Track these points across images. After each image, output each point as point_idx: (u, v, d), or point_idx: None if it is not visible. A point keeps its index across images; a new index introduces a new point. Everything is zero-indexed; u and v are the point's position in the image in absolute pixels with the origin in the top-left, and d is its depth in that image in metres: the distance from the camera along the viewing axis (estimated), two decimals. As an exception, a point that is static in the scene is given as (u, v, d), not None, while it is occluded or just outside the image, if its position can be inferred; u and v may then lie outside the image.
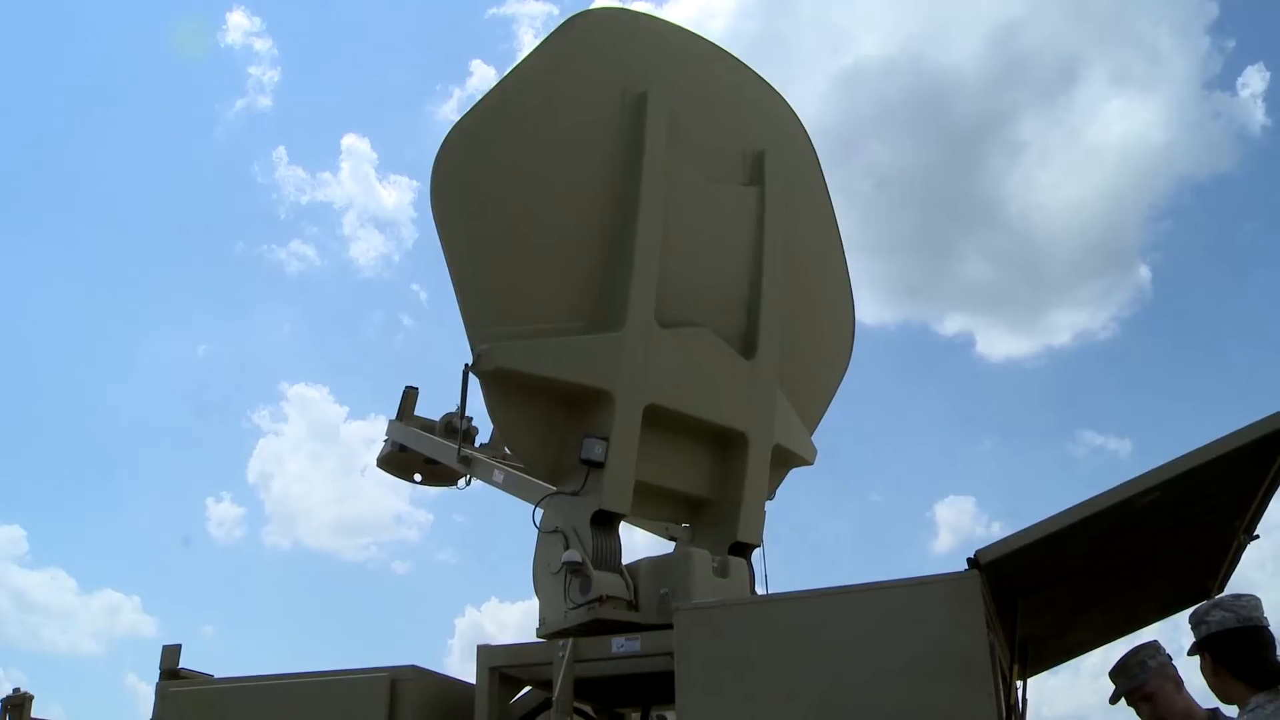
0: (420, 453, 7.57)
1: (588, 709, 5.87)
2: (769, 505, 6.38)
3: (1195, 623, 3.98)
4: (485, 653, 5.18)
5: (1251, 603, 3.97)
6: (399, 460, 7.84)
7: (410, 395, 7.84)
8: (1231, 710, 3.99)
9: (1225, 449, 4.10)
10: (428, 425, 7.75)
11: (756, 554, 5.97)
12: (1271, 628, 3.92)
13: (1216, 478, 4.31)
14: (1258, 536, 5.07)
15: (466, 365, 5.56)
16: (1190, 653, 4.10)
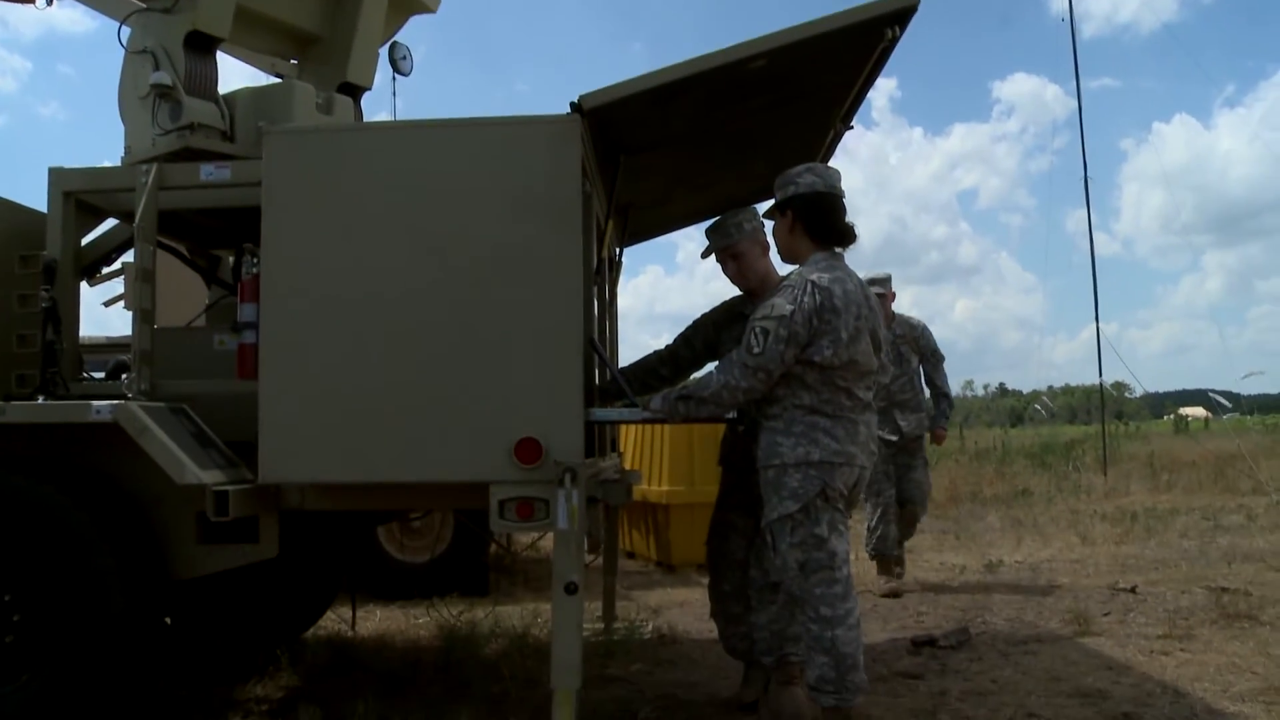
0: (-9, -42, 6.56)
1: (182, 249, 5.58)
2: (404, 91, 6.04)
3: (784, 184, 4.14)
4: (57, 175, 4.66)
5: (837, 174, 4.18)
6: (-35, -34, 6.77)
7: (-23, -112, 6.66)
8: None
9: (834, 25, 4.15)
10: (4, -69, 6.68)
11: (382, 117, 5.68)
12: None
13: (823, 55, 4.39)
14: (853, 127, 5.31)
15: None
16: (768, 214, 4.32)
